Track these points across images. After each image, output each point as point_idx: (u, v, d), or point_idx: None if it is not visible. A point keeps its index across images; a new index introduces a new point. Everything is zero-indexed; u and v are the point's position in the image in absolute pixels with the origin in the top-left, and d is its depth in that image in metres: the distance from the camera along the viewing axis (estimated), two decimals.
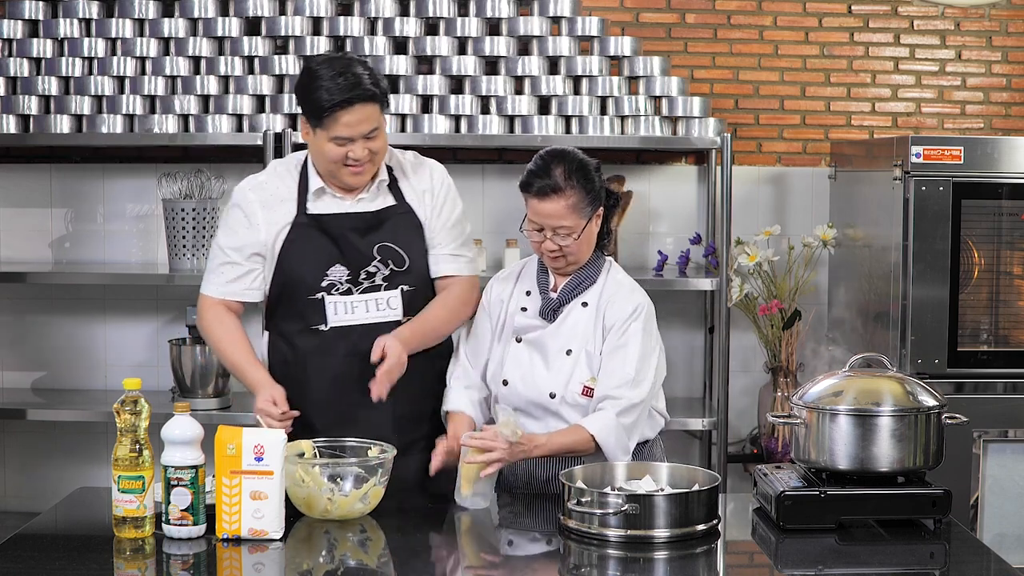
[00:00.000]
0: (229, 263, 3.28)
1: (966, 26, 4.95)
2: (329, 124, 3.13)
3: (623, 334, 3.22)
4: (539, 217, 3.19)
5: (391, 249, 3.28)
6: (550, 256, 3.23)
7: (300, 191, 3.28)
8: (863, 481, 2.92)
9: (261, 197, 3.28)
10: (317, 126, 3.16)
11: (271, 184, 3.31)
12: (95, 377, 4.92)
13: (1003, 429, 4.19)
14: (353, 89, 3.11)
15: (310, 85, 3.15)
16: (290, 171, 3.32)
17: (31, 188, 4.87)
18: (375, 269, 3.26)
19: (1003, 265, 4.26)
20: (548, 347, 3.24)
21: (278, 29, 4.56)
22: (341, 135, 3.14)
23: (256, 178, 3.34)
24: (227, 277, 3.29)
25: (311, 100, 3.15)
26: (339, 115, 3.12)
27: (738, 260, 4.60)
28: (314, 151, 3.23)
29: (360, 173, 3.22)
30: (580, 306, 3.26)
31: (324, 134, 3.15)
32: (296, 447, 2.96)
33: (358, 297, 3.25)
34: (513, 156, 4.89)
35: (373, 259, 3.26)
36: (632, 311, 3.23)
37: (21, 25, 4.62)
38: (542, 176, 3.17)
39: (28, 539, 2.81)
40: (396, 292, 3.27)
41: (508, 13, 4.62)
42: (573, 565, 2.76)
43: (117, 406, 2.74)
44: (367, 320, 3.26)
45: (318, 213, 3.26)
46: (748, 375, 4.91)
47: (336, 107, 3.11)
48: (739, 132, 4.92)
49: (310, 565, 2.72)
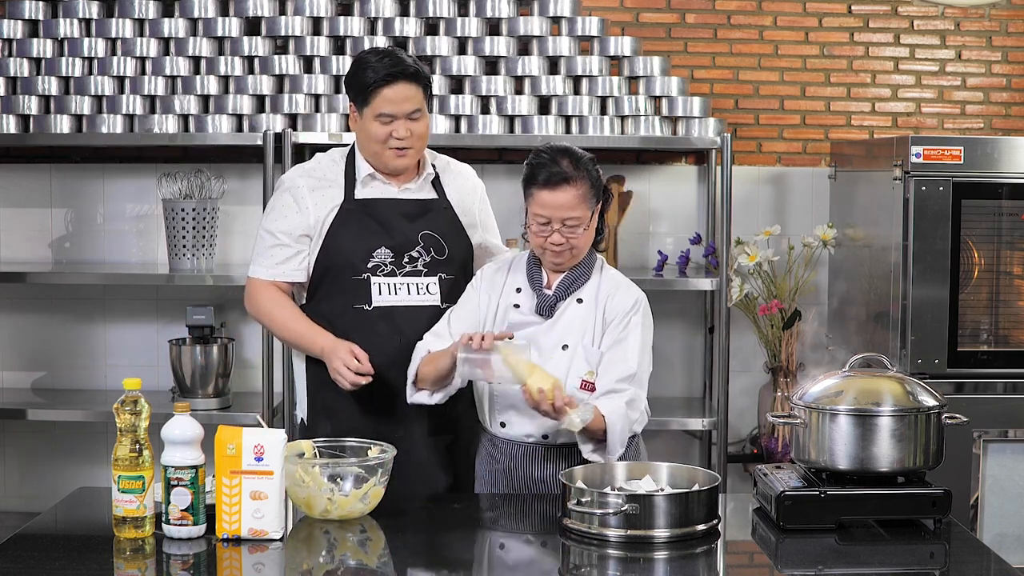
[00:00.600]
0: (279, 245, 3.41)
1: (966, 26, 4.95)
2: (373, 100, 3.31)
3: (624, 327, 3.24)
4: (548, 209, 3.18)
5: (433, 237, 3.42)
6: (554, 251, 3.22)
7: (348, 177, 3.43)
8: (863, 481, 2.92)
9: (309, 182, 3.42)
10: (363, 105, 3.34)
11: (319, 170, 3.46)
12: (95, 377, 4.92)
13: (1003, 429, 4.19)
14: (396, 66, 3.31)
15: (358, 69, 3.35)
16: (336, 161, 3.48)
17: (31, 188, 4.87)
18: (418, 254, 3.40)
19: (1003, 265, 4.26)
20: (543, 343, 3.24)
21: (278, 29, 4.56)
22: (385, 111, 3.31)
23: (304, 166, 3.50)
24: (277, 259, 3.42)
25: (358, 80, 3.34)
26: (383, 91, 3.30)
27: (738, 260, 4.60)
28: (361, 135, 3.39)
29: (404, 156, 3.37)
30: (575, 302, 3.27)
31: (369, 112, 3.33)
32: (296, 447, 2.96)
33: (400, 279, 3.39)
34: (513, 156, 4.89)
35: (417, 244, 3.40)
36: (632, 304, 3.27)
37: (21, 25, 4.62)
38: (549, 166, 3.17)
39: (28, 539, 2.81)
40: (435, 279, 3.41)
41: (508, 13, 4.62)
42: (573, 565, 2.76)
43: (117, 406, 2.74)
44: (409, 302, 3.39)
45: (365, 198, 3.41)
46: (748, 375, 4.91)
47: (381, 83, 3.30)
48: (739, 132, 4.92)
49: (310, 565, 2.72)
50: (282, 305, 3.44)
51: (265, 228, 3.47)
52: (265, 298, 3.45)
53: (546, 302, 3.26)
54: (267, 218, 3.48)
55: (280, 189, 3.49)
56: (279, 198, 3.46)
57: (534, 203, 3.21)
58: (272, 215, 3.46)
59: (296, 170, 3.51)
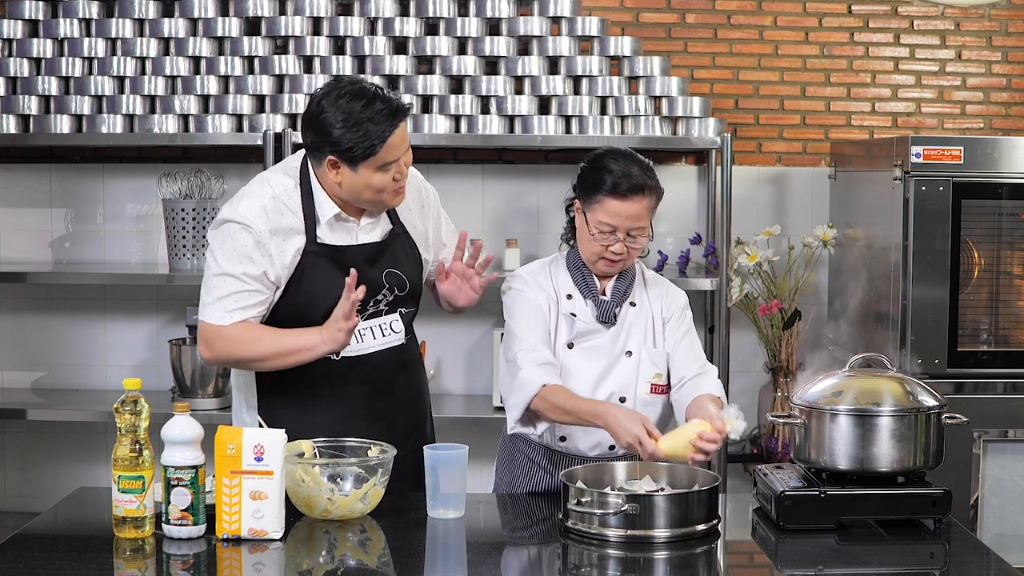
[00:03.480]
0: (248, 291, 3.07)
1: (966, 26, 4.95)
2: (380, 155, 3.01)
3: (683, 321, 3.27)
4: (618, 219, 3.10)
5: (396, 275, 3.22)
6: (611, 260, 3.15)
7: (307, 215, 3.12)
8: (863, 481, 2.92)
9: (269, 225, 3.08)
10: (361, 162, 3.02)
11: (275, 208, 3.10)
12: (95, 377, 4.92)
13: (1003, 429, 4.19)
14: (394, 113, 3.02)
15: (339, 125, 3.00)
16: (290, 193, 3.13)
17: (31, 188, 4.87)
18: (382, 296, 3.20)
19: (1003, 265, 4.26)
20: (607, 351, 3.20)
21: (278, 29, 4.56)
22: (390, 159, 3.03)
23: (259, 202, 3.10)
24: (241, 304, 3.08)
25: (351, 141, 3.00)
26: (391, 141, 3.02)
27: (738, 260, 4.60)
28: (354, 187, 3.06)
29: (401, 191, 3.13)
30: (629, 306, 3.24)
31: (370, 166, 3.03)
32: (296, 447, 2.96)
33: (364, 324, 3.18)
34: (513, 156, 4.89)
35: (383, 287, 3.19)
36: (684, 301, 3.31)
37: (21, 25, 4.62)
38: (623, 174, 3.10)
39: (28, 539, 2.81)
40: (396, 315, 3.23)
41: (508, 13, 4.62)
42: (573, 565, 2.76)
43: (117, 406, 2.73)
44: (374, 347, 3.20)
45: (332, 244, 3.14)
46: (748, 375, 4.91)
47: (388, 137, 3.00)
48: (739, 132, 4.92)
49: (310, 565, 2.72)
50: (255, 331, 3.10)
51: (225, 271, 3.07)
52: (231, 334, 3.08)
53: (608, 309, 3.20)
54: (224, 259, 3.08)
55: (235, 227, 3.08)
56: (238, 236, 3.06)
57: (600, 211, 3.11)
58: (231, 256, 3.07)
59: (252, 205, 3.09)
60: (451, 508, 2.94)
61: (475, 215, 4.86)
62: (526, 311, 3.20)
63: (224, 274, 3.08)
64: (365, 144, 2.99)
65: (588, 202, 3.14)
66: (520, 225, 4.89)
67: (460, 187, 4.86)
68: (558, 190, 3.53)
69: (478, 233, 4.82)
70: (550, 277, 3.25)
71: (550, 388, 3.06)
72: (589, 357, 3.20)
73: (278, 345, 3.09)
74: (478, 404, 4.76)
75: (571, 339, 3.21)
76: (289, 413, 3.16)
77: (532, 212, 4.89)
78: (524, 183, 4.89)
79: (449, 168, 4.87)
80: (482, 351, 4.90)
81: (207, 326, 3.11)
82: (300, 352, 3.09)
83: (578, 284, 3.22)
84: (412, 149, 3.16)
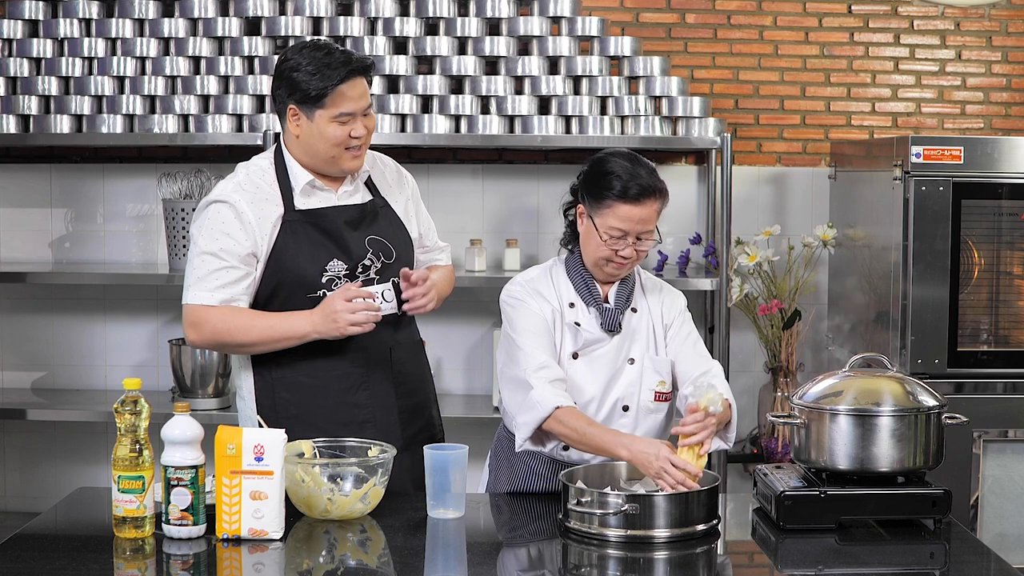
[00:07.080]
0: (226, 267, 3.12)
1: (966, 26, 4.95)
2: (333, 101, 3.11)
3: (684, 323, 3.24)
4: (629, 223, 3.06)
5: (380, 242, 3.25)
6: (621, 263, 3.11)
7: (283, 187, 3.20)
8: (863, 481, 2.92)
9: (246, 196, 3.16)
10: (317, 107, 3.12)
11: (250, 182, 3.20)
12: (95, 377, 4.92)
13: (1003, 429, 4.19)
14: (350, 63, 3.12)
15: (301, 69, 3.12)
16: (265, 169, 3.23)
17: (31, 188, 4.87)
18: (369, 262, 3.22)
19: (1003, 265, 4.26)
20: (611, 360, 3.16)
21: (278, 29, 4.56)
22: (346, 110, 3.12)
23: (234, 179, 3.22)
24: (222, 280, 3.12)
25: (308, 83, 3.11)
26: (342, 89, 3.11)
27: (738, 260, 4.60)
28: (311, 139, 3.16)
29: (359, 156, 3.20)
30: (631, 312, 3.21)
31: (326, 115, 3.12)
32: (296, 447, 2.96)
33: None
34: (513, 156, 4.89)
35: (367, 252, 3.22)
36: (683, 302, 3.28)
37: (21, 25, 4.62)
38: (632, 178, 3.06)
39: (28, 539, 2.81)
40: (388, 285, 3.24)
41: (508, 13, 4.62)
42: (573, 565, 2.76)
43: (117, 406, 2.74)
44: None
45: (310, 208, 3.19)
46: (748, 375, 4.91)
47: (340, 81, 3.10)
48: (739, 132, 4.92)
49: (310, 565, 2.72)
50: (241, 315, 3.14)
51: (205, 250, 3.13)
52: (217, 318, 3.13)
53: (612, 317, 3.16)
54: (203, 238, 3.14)
55: (213, 205, 3.16)
56: (216, 214, 3.14)
57: (611, 216, 3.07)
58: (210, 234, 3.14)
59: (226, 184, 3.20)
60: (451, 508, 2.94)
61: (475, 215, 4.87)
62: (530, 323, 3.14)
63: (203, 253, 3.15)
64: (320, 85, 3.10)
65: (596, 207, 3.09)
66: (520, 225, 4.89)
67: (460, 187, 4.87)
68: (558, 190, 3.53)
69: (478, 233, 4.83)
70: (551, 284, 3.20)
71: (564, 411, 3.00)
72: (594, 368, 3.16)
73: (268, 332, 3.15)
74: (478, 404, 4.76)
75: (576, 349, 3.16)
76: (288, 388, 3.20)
77: (532, 212, 4.89)
78: (524, 183, 4.89)
79: (449, 168, 4.87)
80: (482, 351, 4.90)
81: (192, 308, 3.17)
82: (290, 339, 3.16)
83: (580, 291, 3.18)
84: (412, 149, 3.19)
